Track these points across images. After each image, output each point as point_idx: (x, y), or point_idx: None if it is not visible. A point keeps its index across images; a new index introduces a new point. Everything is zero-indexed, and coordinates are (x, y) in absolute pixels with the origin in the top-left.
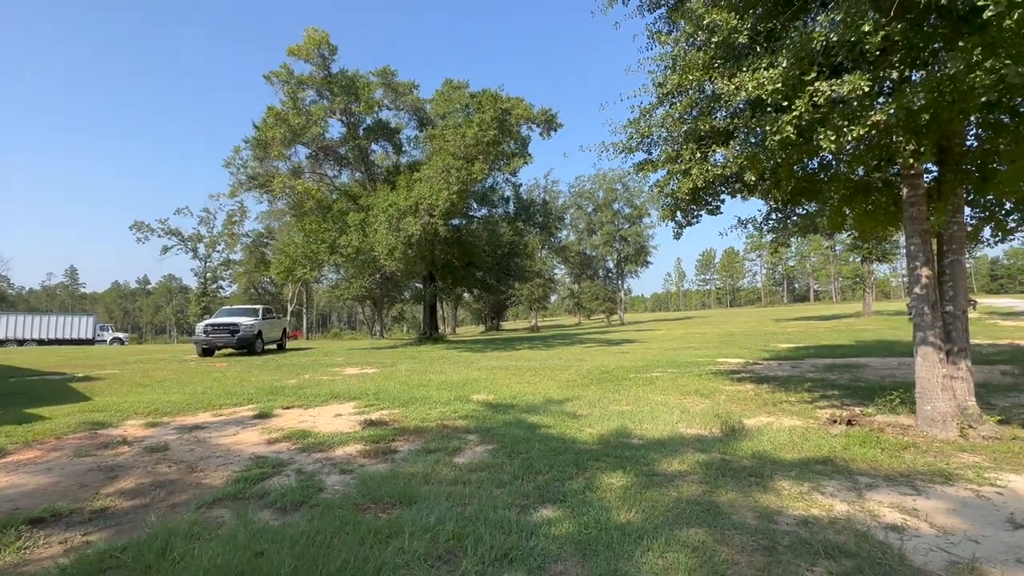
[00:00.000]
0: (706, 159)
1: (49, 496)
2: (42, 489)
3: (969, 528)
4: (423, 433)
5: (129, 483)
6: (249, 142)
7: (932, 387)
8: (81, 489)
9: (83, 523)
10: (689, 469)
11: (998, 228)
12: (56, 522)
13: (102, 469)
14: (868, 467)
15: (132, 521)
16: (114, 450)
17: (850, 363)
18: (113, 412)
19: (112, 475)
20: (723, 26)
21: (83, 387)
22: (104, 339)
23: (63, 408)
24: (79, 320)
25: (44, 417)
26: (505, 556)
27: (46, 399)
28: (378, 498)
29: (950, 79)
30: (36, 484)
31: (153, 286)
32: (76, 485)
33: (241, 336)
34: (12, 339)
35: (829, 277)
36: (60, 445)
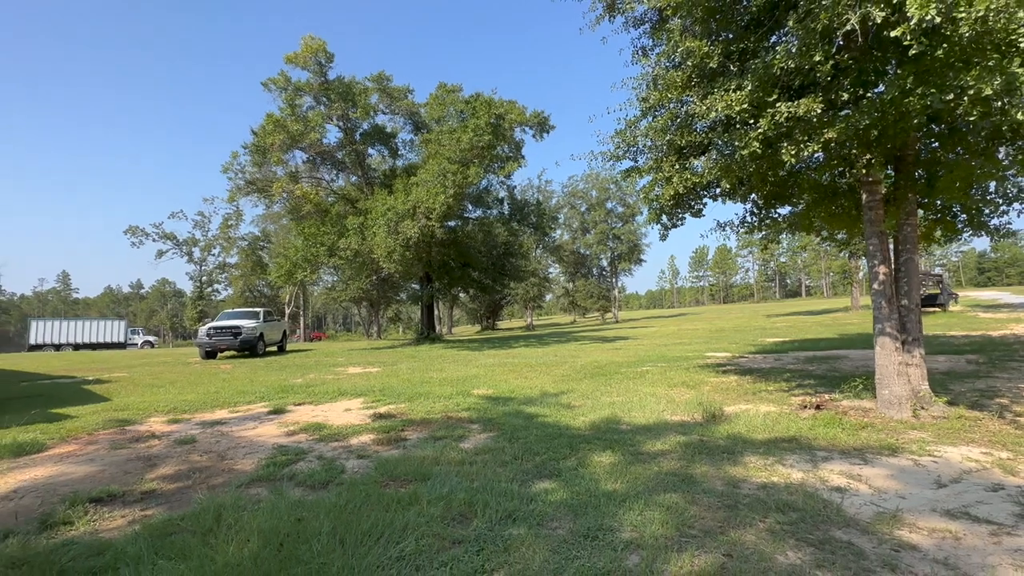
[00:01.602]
0: (685, 168)
1: (99, 481)
2: (91, 476)
3: (901, 488)
4: (429, 424)
5: (168, 470)
6: (248, 148)
7: (889, 373)
8: (126, 475)
9: (137, 502)
10: (670, 449)
11: (947, 229)
12: (113, 501)
13: (140, 459)
14: (828, 444)
15: (179, 500)
16: (146, 443)
17: (830, 355)
18: (135, 411)
19: (151, 464)
20: (696, 52)
21: (98, 389)
22: (135, 342)
23: (86, 408)
24: (111, 325)
25: (71, 416)
26: (509, 516)
27: (66, 400)
28: (395, 476)
29: (890, 102)
30: (84, 472)
31: (147, 290)
32: (120, 472)
33: (243, 338)
34: (50, 344)
35: (820, 273)
36: (94, 440)
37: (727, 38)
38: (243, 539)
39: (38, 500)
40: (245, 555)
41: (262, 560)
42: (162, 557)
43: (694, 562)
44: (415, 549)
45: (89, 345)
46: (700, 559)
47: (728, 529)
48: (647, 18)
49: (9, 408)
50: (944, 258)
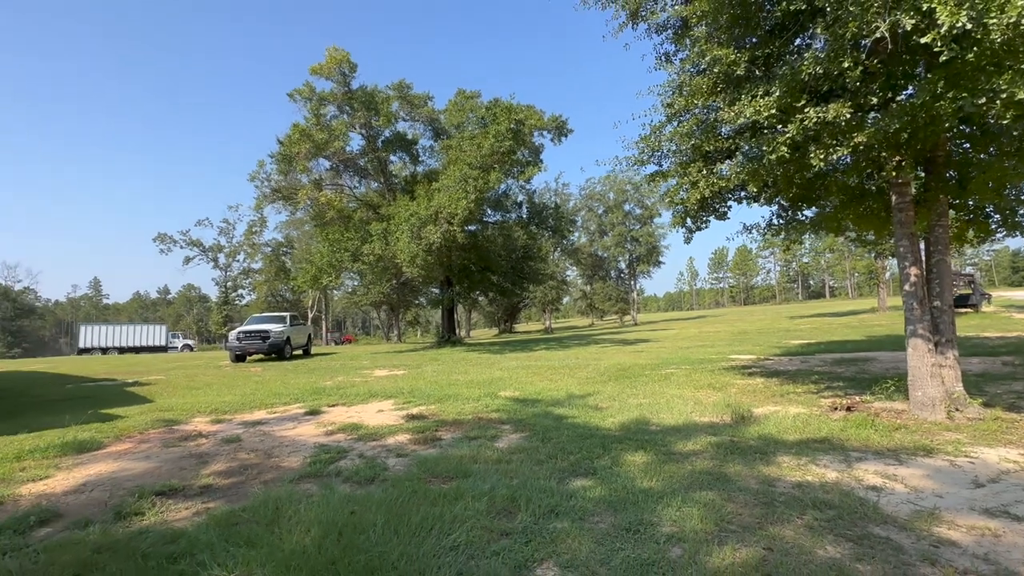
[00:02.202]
0: (712, 172)
1: (159, 477)
2: (150, 472)
3: (937, 488)
4: (461, 424)
5: (220, 466)
6: (274, 156)
7: (922, 375)
8: (182, 471)
9: (197, 495)
10: (702, 449)
11: (980, 229)
12: (175, 494)
13: (192, 456)
14: (861, 445)
15: (235, 494)
16: (194, 442)
17: (858, 357)
18: (179, 411)
19: (203, 461)
20: (723, 59)
21: (140, 391)
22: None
23: (133, 409)
24: (153, 329)
25: (121, 416)
26: (552, 511)
27: (113, 402)
28: (436, 473)
29: (920, 107)
30: (143, 468)
31: (173, 296)
32: (176, 468)
33: (272, 342)
34: (97, 347)
35: (844, 273)
36: (146, 438)
37: (752, 43)
38: (304, 529)
39: (106, 493)
40: (308, 543)
41: (325, 548)
42: (232, 544)
43: (735, 555)
44: (467, 540)
45: (133, 348)
46: (741, 552)
47: (766, 525)
48: (669, 24)
49: (62, 409)
50: (976, 257)
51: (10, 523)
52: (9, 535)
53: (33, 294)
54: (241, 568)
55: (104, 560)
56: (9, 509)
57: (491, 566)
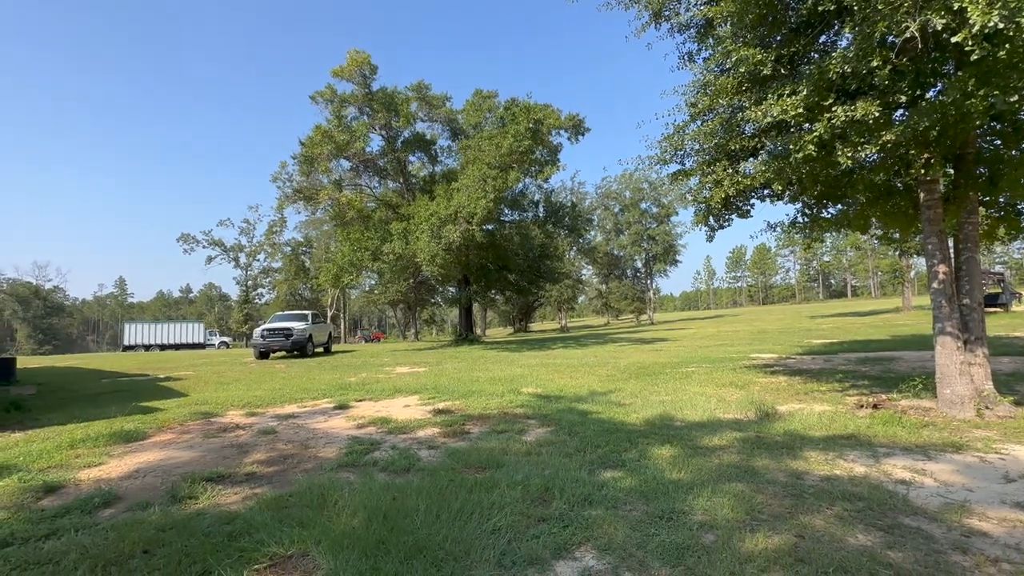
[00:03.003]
0: (736, 171)
1: (205, 465)
2: (196, 460)
3: (967, 482)
4: (488, 419)
5: (260, 456)
6: (296, 158)
7: (951, 372)
8: (225, 460)
9: (243, 482)
10: (728, 444)
11: (1011, 227)
12: (223, 481)
13: (233, 446)
14: (888, 441)
15: (279, 481)
16: (233, 433)
17: (883, 356)
18: (214, 404)
19: (244, 451)
20: (749, 59)
21: (173, 385)
22: (213, 343)
23: (170, 402)
24: (192, 327)
25: (160, 409)
26: (585, 499)
27: (150, 396)
28: (469, 464)
29: (951, 104)
30: (189, 457)
31: (195, 295)
32: (219, 457)
33: (295, 340)
34: (140, 344)
35: (867, 272)
36: (186, 429)
37: (777, 42)
38: (350, 513)
39: (159, 479)
40: (356, 524)
41: (373, 529)
42: (286, 525)
43: (768, 541)
44: (506, 524)
45: (173, 345)
46: (773, 539)
47: (796, 514)
48: (692, 24)
49: (103, 402)
50: (1006, 255)
51: (77, 504)
52: (77, 515)
53: (62, 293)
54: (297, 545)
55: (169, 538)
56: (72, 492)
57: (532, 548)
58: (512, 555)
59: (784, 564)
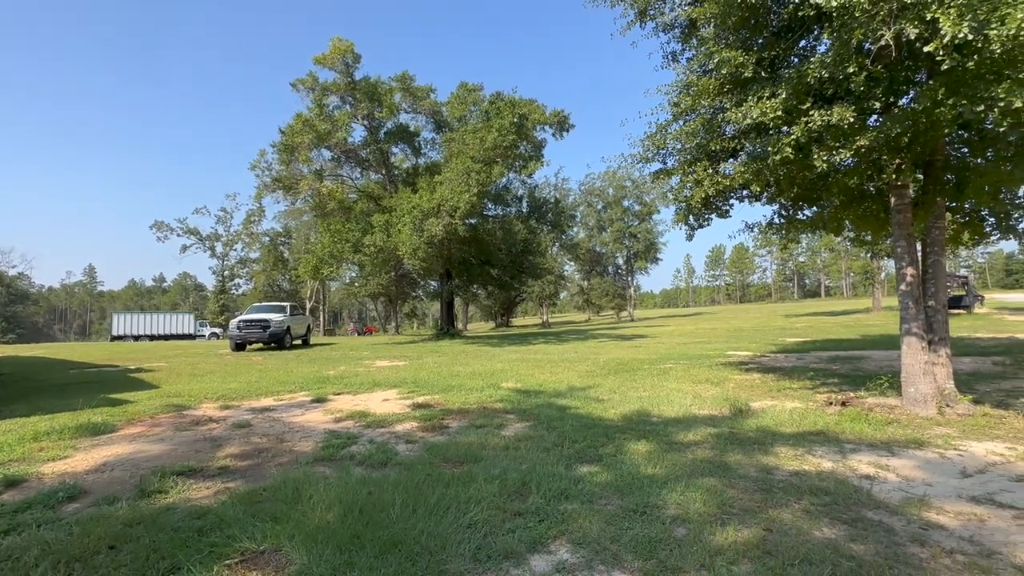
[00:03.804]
0: (716, 171)
1: (176, 459)
2: (166, 453)
3: (927, 477)
4: (467, 413)
5: (234, 450)
6: (276, 146)
7: (915, 372)
8: (197, 454)
9: (216, 476)
10: (702, 439)
11: (975, 232)
12: (195, 475)
13: (206, 440)
14: (855, 437)
15: (253, 475)
16: (206, 426)
17: (853, 355)
18: (186, 397)
19: (217, 444)
20: (731, 61)
21: (144, 377)
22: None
23: (141, 394)
24: (182, 318)
25: (129, 401)
26: (562, 494)
27: (119, 387)
28: (447, 458)
29: (922, 112)
30: (159, 451)
31: (169, 284)
32: (192, 451)
33: (272, 331)
34: (129, 335)
35: (840, 273)
36: (158, 422)
37: (758, 45)
38: (325, 507)
39: (126, 473)
40: (331, 519)
41: (348, 523)
42: (259, 520)
43: (737, 534)
44: (483, 518)
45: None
46: (743, 532)
47: (766, 508)
48: (677, 24)
49: (70, 393)
50: (970, 260)
51: (40, 498)
52: (40, 509)
53: (27, 280)
54: (270, 541)
55: (137, 533)
56: (35, 486)
57: (507, 542)
58: (487, 549)
59: (752, 557)
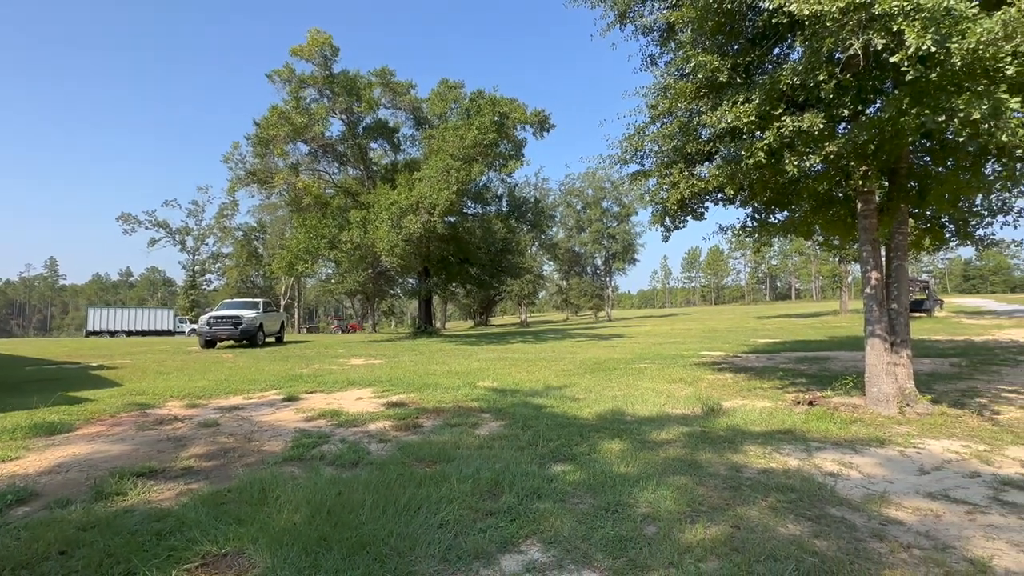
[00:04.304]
0: (692, 174)
1: (136, 459)
2: (126, 454)
3: (888, 474)
4: (442, 412)
5: (199, 450)
6: (250, 138)
7: (878, 372)
8: (160, 454)
9: (178, 477)
10: (674, 438)
11: (935, 238)
12: (156, 476)
13: (170, 439)
14: (820, 436)
15: (218, 476)
16: (170, 425)
17: (820, 356)
18: (151, 395)
19: (181, 444)
20: (707, 65)
21: (107, 374)
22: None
23: (102, 392)
24: (161, 313)
25: (89, 399)
26: (534, 493)
27: (79, 385)
28: (420, 458)
29: (887, 121)
30: (119, 451)
31: (136, 278)
32: (154, 451)
33: (244, 328)
34: (105, 330)
35: (810, 276)
36: (119, 422)
37: (734, 51)
38: (292, 508)
39: (83, 474)
40: (298, 521)
41: (316, 525)
42: (221, 522)
43: (706, 532)
44: (454, 518)
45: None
46: (711, 530)
47: (734, 506)
48: (656, 27)
49: (26, 391)
50: (931, 265)
51: None
52: None
53: None
54: (233, 544)
55: (90, 537)
56: None
57: (478, 542)
58: (458, 549)
59: (720, 554)
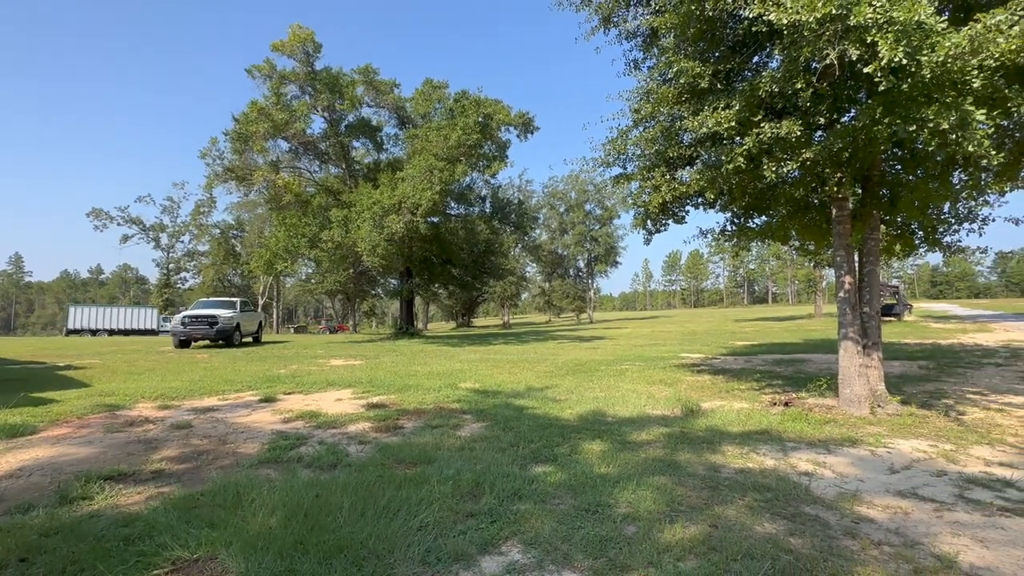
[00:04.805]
0: (673, 178)
1: (104, 462)
2: (94, 457)
3: (859, 473)
4: (423, 413)
5: (171, 452)
6: (229, 134)
7: (851, 374)
8: (130, 457)
9: (149, 480)
10: (654, 439)
11: (906, 244)
12: (125, 479)
13: (140, 442)
14: (796, 436)
15: (191, 479)
16: (141, 427)
17: (796, 358)
18: (121, 396)
19: (152, 446)
20: (689, 71)
21: (74, 375)
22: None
23: (69, 393)
24: (145, 312)
25: (55, 400)
26: (515, 494)
27: (45, 386)
28: (400, 459)
29: (861, 129)
30: (86, 454)
31: (107, 276)
32: (123, 454)
33: (220, 328)
34: (87, 329)
35: (786, 280)
36: (86, 424)
37: (715, 57)
38: (268, 512)
39: (46, 478)
40: (274, 524)
41: (292, 528)
42: (193, 526)
43: (685, 531)
44: (434, 520)
45: (123, 331)
46: (690, 529)
47: (712, 505)
48: (639, 32)
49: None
50: (901, 271)
51: None
52: None
53: None
54: (205, 548)
55: (53, 543)
56: None
57: (458, 544)
58: (438, 552)
59: (698, 553)
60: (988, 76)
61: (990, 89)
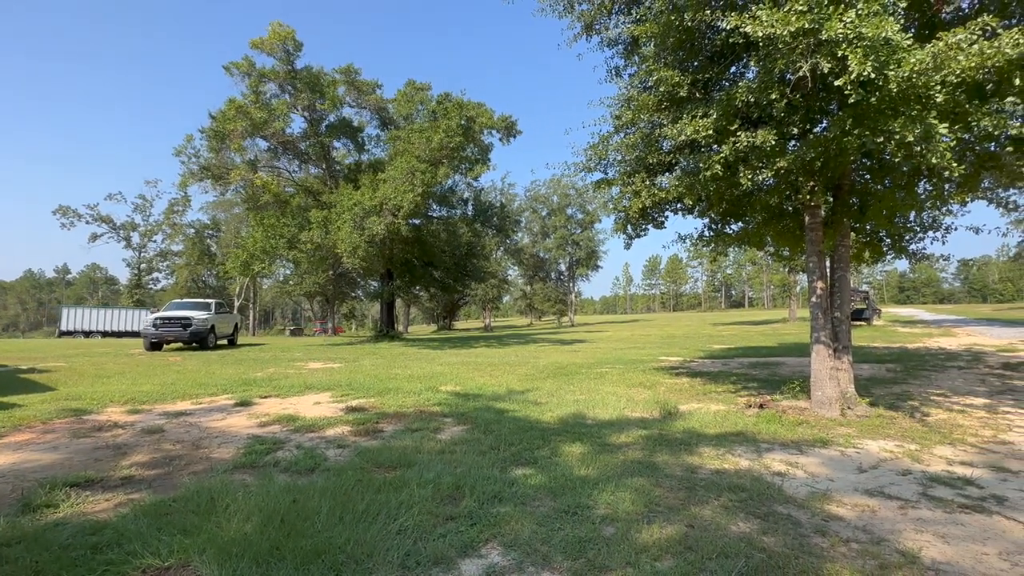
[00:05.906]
0: (653, 184)
1: (70, 468)
2: (59, 463)
3: (830, 473)
4: (403, 417)
5: (141, 458)
6: (205, 132)
7: (822, 377)
8: (97, 463)
9: (118, 487)
10: (633, 441)
11: (874, 251)
12: (93, 486)
13: (109, 447)
14: (770, 437)
15: (162, 485)
16: (110, 432)
17: (771, 361)
18: (88, 400)
19: (121, 452)
20: (668, 80)
21: (38, 378)
22: None
23: (33, 397)
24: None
25: (18, 405)
26: (495, 497)
27: (6, 389)
28: (379, 463)
29: (832, 139)
30: (51, 460)
31: (75, 276)
32: (90, 460)
33: (193, 330)
34: (80, 330)
35: (762, 285)
36: (51, 428)
37: (694, 67)
38: (243, 517)
39: (8, 485)
40: (249, 530)
41: (268, 534)
42: (166, 533)
43: (661, 532)
44: (413, 524)
45: (116, 333)
46: (666, 529)
47: (689, 506)
48: (621, 40)
49: None
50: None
51: None
52: None
53: None
54: (178, 556)
55: (15, 553)
56: None
57: (438, 547)
58: (417, 555)
59: (674, 552)
60: (950, 91)
61: (952, 104)
